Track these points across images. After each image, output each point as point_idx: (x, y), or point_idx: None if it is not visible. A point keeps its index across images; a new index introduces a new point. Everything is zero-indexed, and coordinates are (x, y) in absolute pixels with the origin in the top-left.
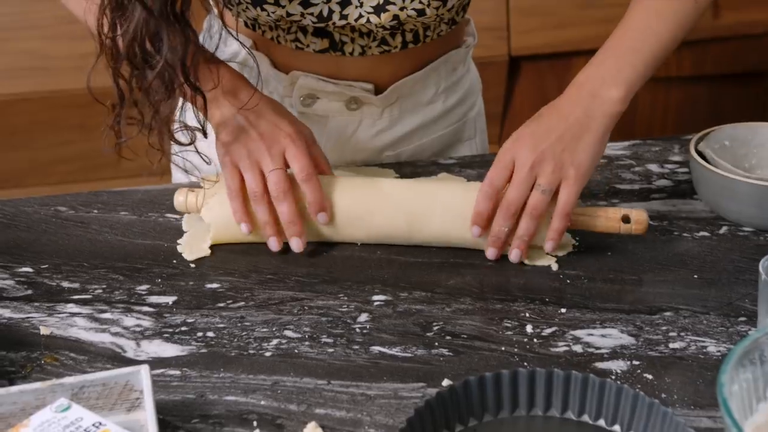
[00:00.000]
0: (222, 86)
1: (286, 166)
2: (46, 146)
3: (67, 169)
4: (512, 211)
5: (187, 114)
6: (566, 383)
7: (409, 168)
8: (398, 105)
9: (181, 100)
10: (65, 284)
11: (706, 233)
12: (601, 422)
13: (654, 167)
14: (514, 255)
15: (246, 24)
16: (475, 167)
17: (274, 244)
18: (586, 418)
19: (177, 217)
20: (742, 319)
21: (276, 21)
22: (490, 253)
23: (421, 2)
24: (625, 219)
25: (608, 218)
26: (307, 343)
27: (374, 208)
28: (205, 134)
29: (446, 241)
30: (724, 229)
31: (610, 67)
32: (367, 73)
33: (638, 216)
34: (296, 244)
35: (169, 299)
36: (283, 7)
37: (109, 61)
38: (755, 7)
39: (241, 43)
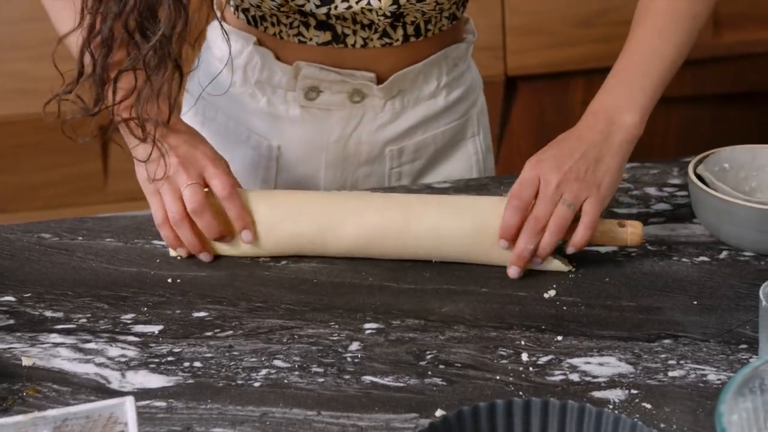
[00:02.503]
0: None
1: (205, 185)
2: (32, 170)
3: (53, 193)
4: (539, 228)
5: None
6: (562, 413)
7: (402, 191)
8: (400, 98)
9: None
10: (48, 313)
11: (705, 258)
12: None
13: (652, 191)
14: (533, 263)
15: (248, 21)
16: (470, 191)
17: (206, 258)
18: None
19: (164, 243)
20: (743, 346)
21: (279, 6)
22: (513, 272)
23: None
24: (621, 225)
25: (603, 223)
26: (296, 372)
27: (368, 202)
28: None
29: (441, 237)
30: (724, 254)
31: (622, 94)
32: (369, 64)
33: (633, 224)
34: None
35: (155, 328)
36: None
37: (86, 35)
38: (755, 25)
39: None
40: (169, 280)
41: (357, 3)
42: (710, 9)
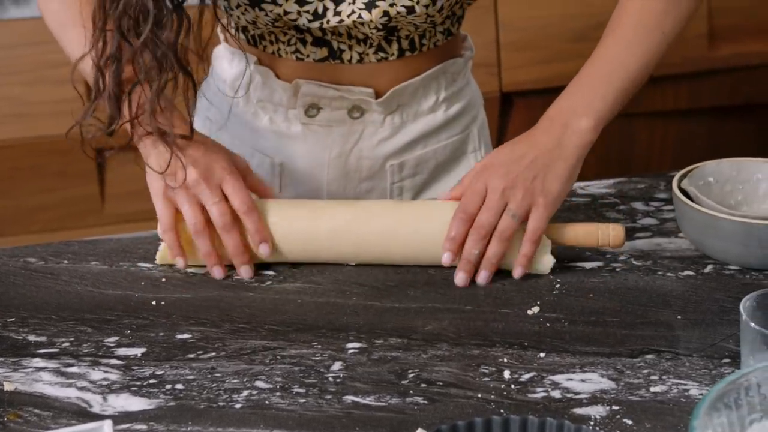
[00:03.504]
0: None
1: (225, 198)
2: (29, 193)
3: (50, 216)
4: (482, 234)
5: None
6: (541, 430)
7: None
8: (399, 113)
9: None
10: (32, 338)
11: (690, 272)
12: None
13: (639, 205)
14: (482, 277)
15: (248, 41)
16: None
17: (218, 273)
18: None
19: (149, 266)
20: (726, 360)
21: (273, 21)
22: (459, 278)
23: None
24: (603, 227)
25: (585, 225)
26: (278, 393)
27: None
28: (191, 133)
29: (425, 215)
30: (709, 268)
31: (580, 99)
32: (367, 80)
33: (615, 227)
34: (245, 272)
35: (138, 351)
36: (280, 5)
37: (96, 51)
38: (750, 38)
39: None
40: (154, 303)
41: (348, 17)
42: (681, 26)
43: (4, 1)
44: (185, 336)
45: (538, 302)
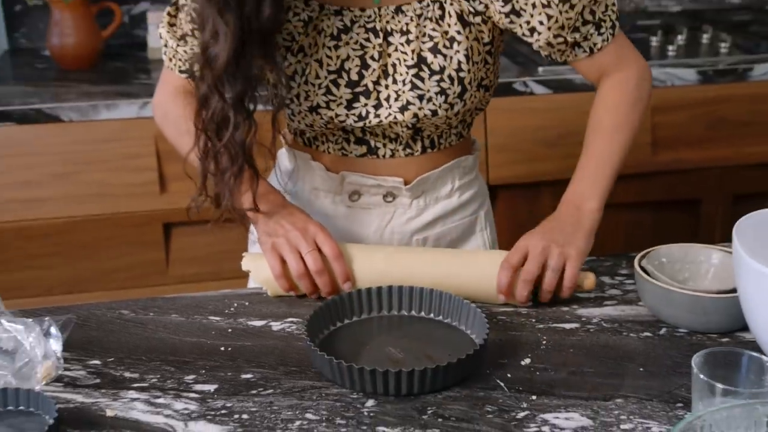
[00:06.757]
0: (258, 192)
1: (317, 248)
2: (107, 258)
3: (123, 276)
4: (530, 278)
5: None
6: None
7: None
8: (423, 197)
9: None
10: (127, 374)
11: (649, 334)
12: None
13: (606, 279)
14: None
15: (304, 143)
16: None
17: (313, 297)
18: None
19: (218, 318)
20: (680, 404)
21: (326, 124)
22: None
23: (434, 104)
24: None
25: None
26: (324, 423)
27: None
28: (258, 210)
29: (480, 261)
30: (663, 331)
31: (585, 188)
32: (397, 171)
33: (587, 275)
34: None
35: (211, 387)
36: (332, 110)
37: (198, 148)
38: (686, 148)
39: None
40: (222, 349)
41: (386, 118)
42: (643, 116)
43: (98, 106)
44: (248, 376)
45: (530, 355)
